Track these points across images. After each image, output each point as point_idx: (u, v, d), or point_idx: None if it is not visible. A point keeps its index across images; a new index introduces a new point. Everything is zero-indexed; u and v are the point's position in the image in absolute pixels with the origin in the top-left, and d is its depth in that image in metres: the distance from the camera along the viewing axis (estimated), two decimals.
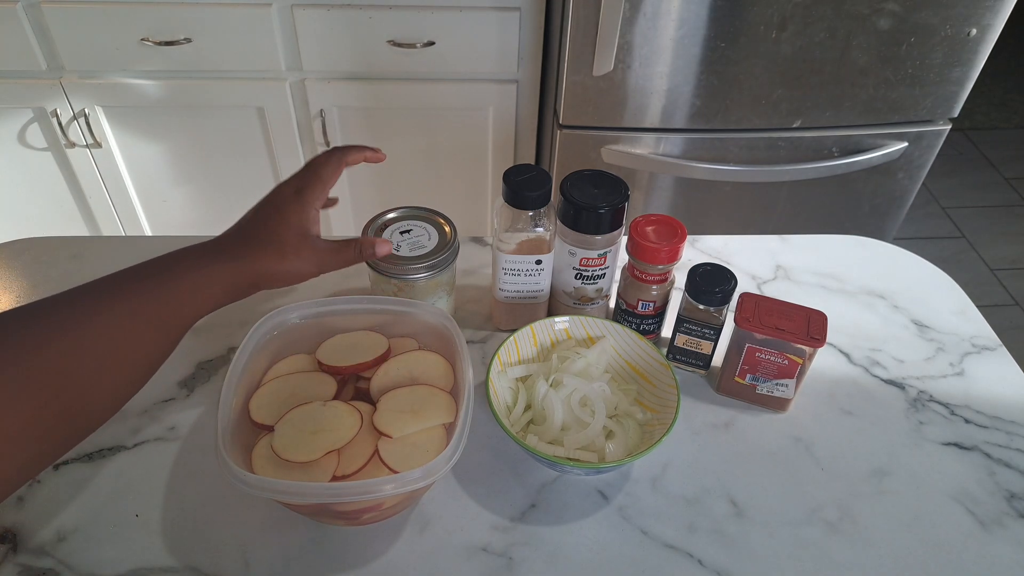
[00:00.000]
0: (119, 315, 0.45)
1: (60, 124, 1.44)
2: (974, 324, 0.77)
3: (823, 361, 0.72)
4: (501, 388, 0.62)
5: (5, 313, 0.42)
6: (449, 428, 0.55)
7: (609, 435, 0.61)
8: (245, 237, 0.55)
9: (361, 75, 1.43)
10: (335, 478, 0.52)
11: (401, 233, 0.67)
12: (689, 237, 0.77)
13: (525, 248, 0.67)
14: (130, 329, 0.45)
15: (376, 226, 0.68)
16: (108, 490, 0.59)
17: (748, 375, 0.66)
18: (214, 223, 1.64)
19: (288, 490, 0.47)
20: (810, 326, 0.63)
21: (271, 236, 0.55)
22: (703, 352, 0.69)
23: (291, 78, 1.43)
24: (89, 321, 0.43)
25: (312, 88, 1.43)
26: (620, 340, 0.66)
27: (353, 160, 0.62)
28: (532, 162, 1.61)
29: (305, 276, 0.56)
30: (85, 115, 1.43)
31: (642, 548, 0.57)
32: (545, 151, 1.53)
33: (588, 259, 0.68)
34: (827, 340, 0.67)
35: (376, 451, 0.53)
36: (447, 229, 0.68)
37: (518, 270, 0.68)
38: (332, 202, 0.65)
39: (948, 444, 0.66)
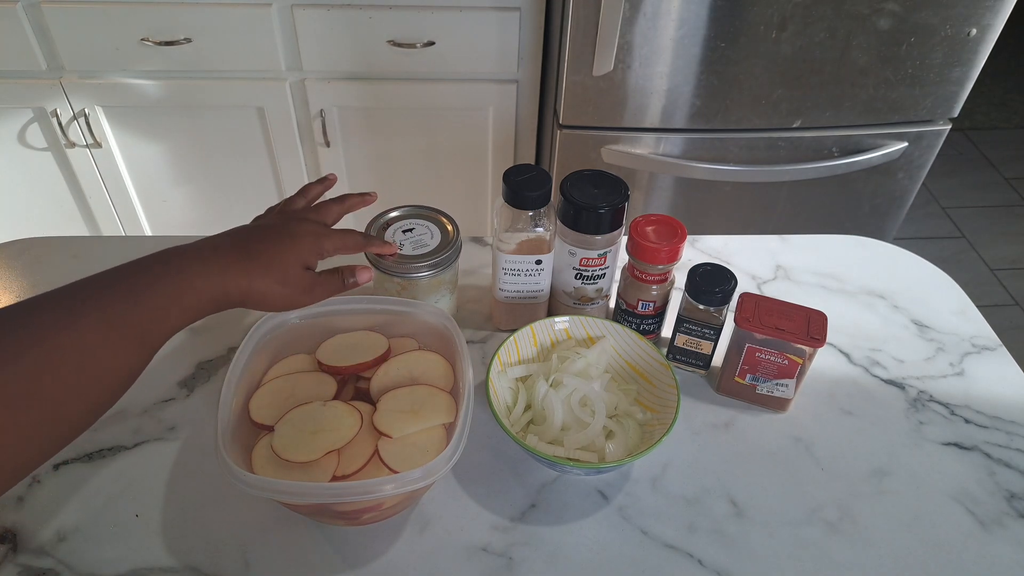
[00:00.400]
0: (95, 325, 0.42)
1: (60, 124, 1.44)
2: (974, 324, 0.77)
3: (823, 361, 0.72)
4: (501, 388, 0.62)
5: None
6: (449, 428, 0.55)
7: (609, 435, 0.61)
8: (247, 252, 0.51)
9: (361, 75, 1.43)
10: (335, 478, 0.52)
11: (404, 232, 0.67)
12: (689, 237, 0.77)
13: (525, 248, 0.67)
14: (107, 339, 0.43)
15: (378, 225, 0.68)
16: (108, 490, 0.59)
17: (748, 375, 0.66)
18: (214, 223, 1.64)
19: (288, 490, 0.47)
20: (810, 326, 0.63)
21: (276, 261, 0.52)
22: (703, 352, 0.69)
23: (291, 78, 1.43)
24: (64, 331, 0.41)
25: (312, 88, 1.43)
26: (620, 340, 0.66)
27: (374, 250, 0.63)
28: (532, 162, 1.61)
29: (295, 305, 0.54)
30: (85, 115, 1.43)
31: (642, 548, 0.57)
32: (545, 151, 1.53)
33: (588, 259, 0.68)
34: (827, 340, 0.67)
35: (376, 451, 0.53)
36: (449, 228, 0.68)
37: (518, 270, 0.68)
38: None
39: (948, 444, 0.66)
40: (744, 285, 0.80)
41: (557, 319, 0.67)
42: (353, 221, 1.70)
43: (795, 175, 1.44)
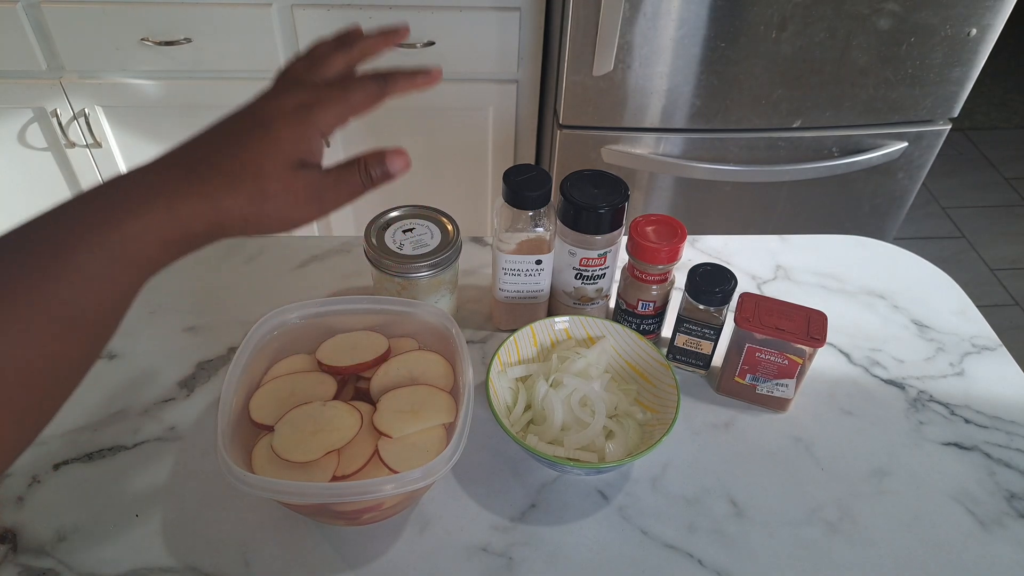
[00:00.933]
0: (6, 314, 0.31)
1: (60, 124, 1.44)
2: (974, 324, 0.77)
3: (823, 361, 0.72)
4: (501, 388, 0.62)
5: None
6: (449, 428, 0.55)
7: (609, 435, 0.61)
8: (204, 164, 0.37)
9: None
10: (335, 478, 0.52)
11: (404, 232, 0.67)
12: (689, 237, 0.77)
13: (525, 248, 0.67)
14: (27, 331, 0.31)
15: (378, 225, 0.68)
16: (108, 490, 0.59)
17: (748, 375, 0.66)
18: None
19: (288, 490, 0.47)
20: (810, 326, 0.63)
21: (248, 164, 0.37)
22: (703, 352, 0.69)
23: None
24: None
25: None
26: (620, 340, 0.66)
27: (401, 89, 0.43)
28: (532, 162, 1.61)
29: (297, 221, 0.39)
30: (85, 115, 1.43)
31: (642, 548, 0.57)
32: (545, 151, 1.53)
33: (588, 259, 0.68)
34: (827, 340, 0.67)
35: (376, 451, 0.53)
36: (449, 227, 0.68)
37: (518, 270, 0.68)
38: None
39: (948, 444, 0.66)
40: (744, 285, 0.80)
41: (557, 319, 0.67)
42: (353, 223, 1.70)
43: (795, 175, 1.44)
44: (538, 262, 0.68)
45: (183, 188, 0.36)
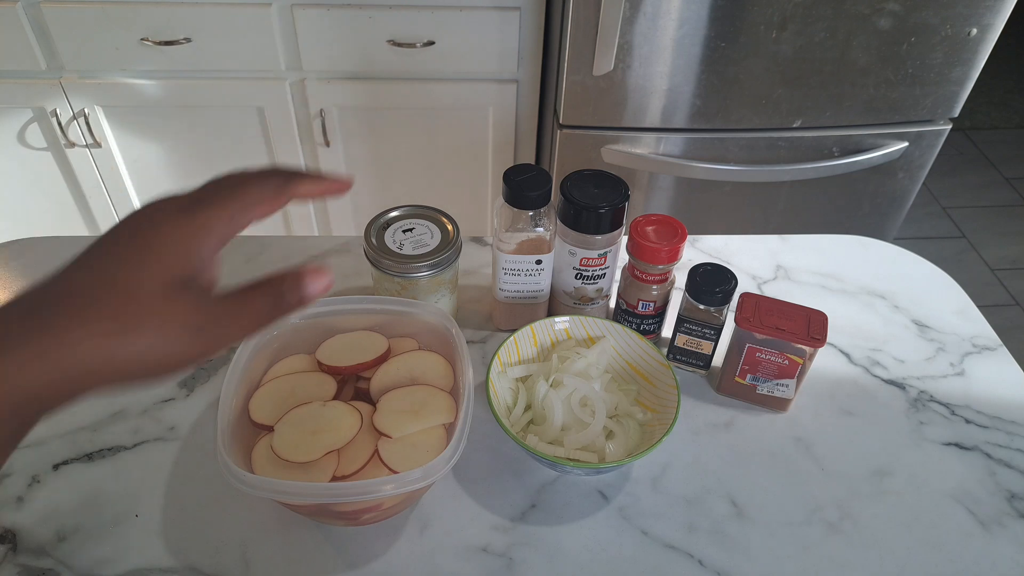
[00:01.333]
0: None
1: (60, 124, 1.44)
2: (974, 324, 0.77)
3: (823, 361, 0.72)
4: (501, 388, 0.62)
5: None
6: (449, 428, 0.55)
7: (609, 435, 0.61)
8: (56, 291, 0.28)
9: (361, 75, 1.43)
10: (335, 478, 0.52)
11: (404, 232, 0.67)
12: (689, 237, 0.77)
13: (525, 248, 0.67)
14: None
15: (378, 225, 0.68)
16: (108, 490, 0.59)
17: (748, 375, 0.66)
18: None
19: (288, 490, 0.47)
20: (810, 326, 0.63)
21: (110, 283, 0.28)
22: (703, 352, 0.69)
23: (291, 78, 1.43)
24: None
25: (312, 88, 1.43)
26: (620, 340, 0.66)
27: (306, 192, 0.37)
28: (532, 162, 1.61)
29: (172, 364, 0.29)
30: (85, 115, 1.43)
31: (642, 548, 0.57)
32: (545, 151, 1.53)
33: (588, 259, 0.68)
34: (827, 340, 0.67)
35: (376, 451, 0.53)
36: (449, 227, 0.68)
37: (518, 270, 0.68)
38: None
39: (948, 444, 0.66)
40: (744, 285, 0.80)
41: (557, 319, 0.67)
42: (353, 224, 1.70)
43: (795, 175, 1.44)
44: (538, 262, 0.68)
45: (14, 329, 0.26)
